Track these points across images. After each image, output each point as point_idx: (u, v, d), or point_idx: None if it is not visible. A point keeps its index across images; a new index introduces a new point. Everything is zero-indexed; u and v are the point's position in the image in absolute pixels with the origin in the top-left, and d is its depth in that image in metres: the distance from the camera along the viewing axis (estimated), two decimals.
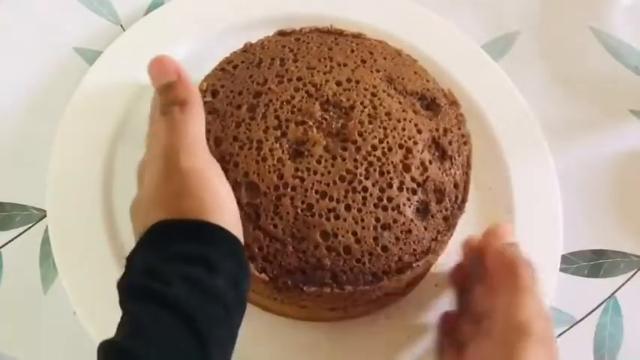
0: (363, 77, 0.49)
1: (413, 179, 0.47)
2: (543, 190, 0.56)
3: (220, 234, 0.37)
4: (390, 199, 0.46)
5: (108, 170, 0.52)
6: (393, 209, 0.46)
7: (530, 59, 0.64)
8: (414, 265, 0.45)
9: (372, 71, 0.50)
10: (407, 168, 0.47)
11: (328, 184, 0.45)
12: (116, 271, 0.49)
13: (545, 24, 0.66)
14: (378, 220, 0.45)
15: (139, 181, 0.42)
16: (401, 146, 0.47)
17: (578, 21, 0.67)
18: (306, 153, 0.46)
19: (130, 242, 0.50)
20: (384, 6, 0.60)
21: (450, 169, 0.48)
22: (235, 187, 0.44)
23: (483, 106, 0.58)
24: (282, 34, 0.52)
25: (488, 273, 0.43)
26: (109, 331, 0.46)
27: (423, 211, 0.47)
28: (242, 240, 0.39)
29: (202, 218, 0.37)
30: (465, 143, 0.50)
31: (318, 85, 0.48)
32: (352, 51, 0.51)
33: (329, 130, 0.47)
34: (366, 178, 0.46)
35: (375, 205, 0.45)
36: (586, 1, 0.68)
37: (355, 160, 0.46)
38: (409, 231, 0.46)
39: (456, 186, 0.48)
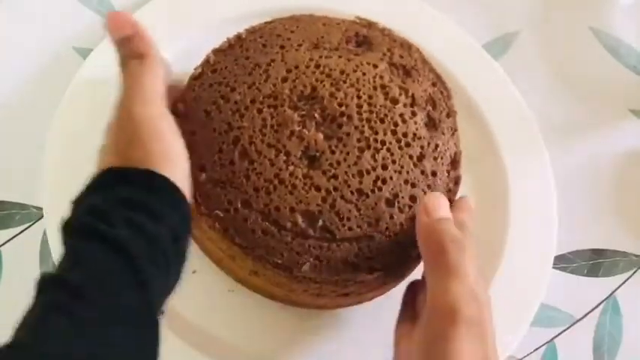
0: (296, 59, 0.49)
1: (405, 105, 0.48)
2: (540, 189, 0.56)
3: (165, 186, 0.38)
4: (405, 134, 0.47)
5: None
6: (413, 139, 0.47)
7: (530, 59, 0.64)
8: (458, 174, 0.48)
9: (295, 49, 0.50)
10: (394, 101, 0.48)
11: (356, 163, 0.46)
12: None
13: (545, 24, 0.66)
14: (411, 156, 0.47)
15: (107, 129, 0.42)
16: (375, 88, 0.48)
17: (578, 21, 0.67)
18: (316, 154, 0.46)
19: None
20: (385, 2, 0.60)
21: (419, 76, 0.50)
22: (293, 225, 0.44)
23: (482, 105, 0.58)
24: (195, 77, 0.50)
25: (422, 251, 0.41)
26: None
27: (431, 124, 0.49)
28: (188, 195, 0.39)
29: (150, 168, 0.38)
30: (409, 48, 0.51)
31: (272, 93, 0.47)
32: (264, 46, 0.50)
33: (315, 120, 0.47)
34: (376, 134, 0.47)
35: (400, 147, 0.47)
36: (586, 1, 0.68)
37: (356, 127, 0.47)
38: (436, 147, 0.48)
39: (434, 85, 0.50)
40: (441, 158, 0.48)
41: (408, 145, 0.47)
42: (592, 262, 0.56)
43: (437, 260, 0.38)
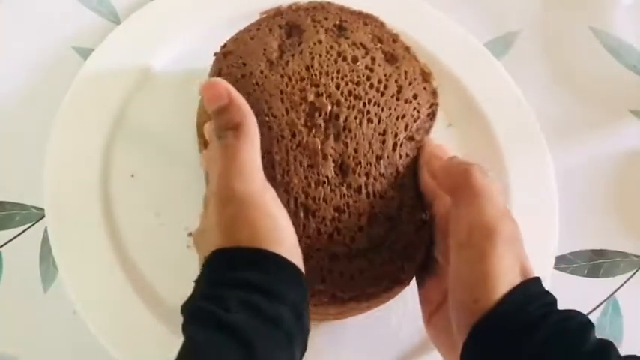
0: (275, 86, 0.47)
1: (363, 57, 0.49)
2: (541, 189, 0.56)
3: (279, 262, 0.37)
4: (380, 80, 0.48)
5: (105, 166, 0.52)
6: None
7: (530, 59, 0.64)
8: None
9: (265, 77, 0.48)
10: (355, 60, 0.49)
11: (364, 139, 0.46)
12: (116, 267, 0.49)
13: (546, 24, 0.66)
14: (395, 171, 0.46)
15: (203, 211, 0.41)
16: (336, 61, 0.48)
17: (578, 21, 0.67)
18: (341, 160, 0.46)
19: (129, 238, 0.51)
20: (385, 2, 0.60)
21: (354, 27, 0.51)
22: (379, 231, 0.44)
23: (484, 105, 0.58)
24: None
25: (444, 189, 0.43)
26: (110, 328, 0.47)
27: (388, 57, 0.50)
28: (302, 267, 0.38)
29: (260, 246, 0.36)
30: (332, 8, 0.52)
31: (290, 131, 0.46)
32: (248, 94, 0.48)
33: (323, 127, 0.46)
34: (360, 98, 0.47)
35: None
36: (586, 1, 0.68)
37: (348, 107, 0.47)
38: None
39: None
40: (414, 80, 0.49)
41: (385, 87, 0.48)
42: (592, 262, 0.56)
43: (464, 189, 0.39)
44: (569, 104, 0.63)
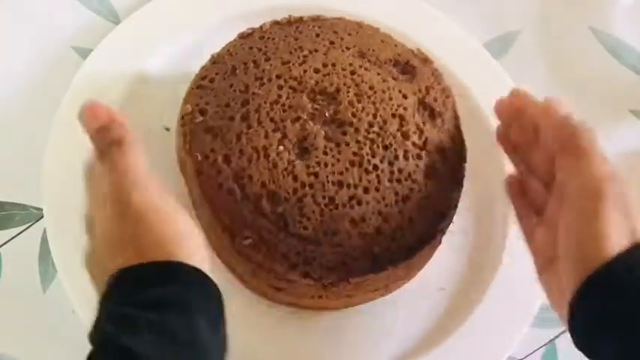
0: (337, 59, 0.50)
1: (414, 144, 0.48)
2: None
3: (189, 273, 0.35)
4: (400, 171, 0.46)
5: None
6: (406, 179, 0.46)
7: (530, 59, 0.64)
8: (440, 228, 0.47)
9: (342, 50, 0.50)
10: (406, 136, 0.48)
11: (342, 173, 0.46)
12: None
13: (545, 24, 0.66)
14: (397, 194, 0.46)
15: (89, 234, 0.40)
16: (394, 115, 0.48)
17: (578, 21, 0.67)
18: (310, 147, 0.46)
19: None
20: (385, 2, 0.60)
21: (443, 125, 0.49)
22: (257, 199, 0.45)
23: (483, 105, 0.57)
24: (243, 36, 0.52)
25: (550, 140, 0.42)
26: None
27: (432, 174, 0.47)
28: (211, 276, 0.37)
29: (166, 258, 0.35)
30: (447, 97, 0.51)
31: (299, 78, 0.48)
32: (317, 35, 0.51)
33: (323, 118, 0.47)
34: (373, 156, 0.46)
35: (390, 180, 0.46)
36: (586, 1, 0.68)
37: (358, 141, 0.47)
38: (427, 197, 0.47)
39: (453, 140, 0.49)
40: (428, 209, 0.47)
41: (399, 181, 0.47)
42: None
43: (573, 149, 0.40)
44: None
